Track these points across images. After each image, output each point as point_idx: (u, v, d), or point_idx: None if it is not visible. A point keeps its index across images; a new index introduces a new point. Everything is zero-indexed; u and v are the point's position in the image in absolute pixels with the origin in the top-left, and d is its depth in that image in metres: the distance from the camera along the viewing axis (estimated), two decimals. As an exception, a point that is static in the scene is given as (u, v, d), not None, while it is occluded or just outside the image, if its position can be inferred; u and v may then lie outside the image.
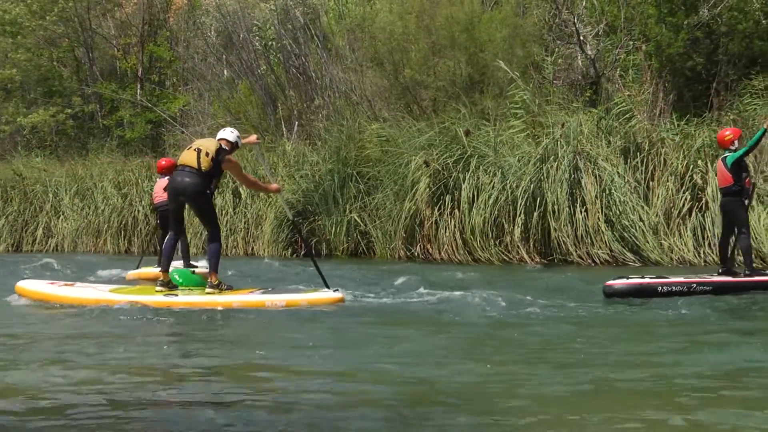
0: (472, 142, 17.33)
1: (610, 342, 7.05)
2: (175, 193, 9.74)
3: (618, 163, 16.17)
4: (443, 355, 6.36)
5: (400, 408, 4.93)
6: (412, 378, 5.65)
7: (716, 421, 4.54)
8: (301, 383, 5.49)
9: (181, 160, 9.81)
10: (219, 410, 4.82)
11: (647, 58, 18.42)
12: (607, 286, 10.47)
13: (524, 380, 5.52)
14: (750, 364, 6.01)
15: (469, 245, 16.40)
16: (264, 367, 6.10)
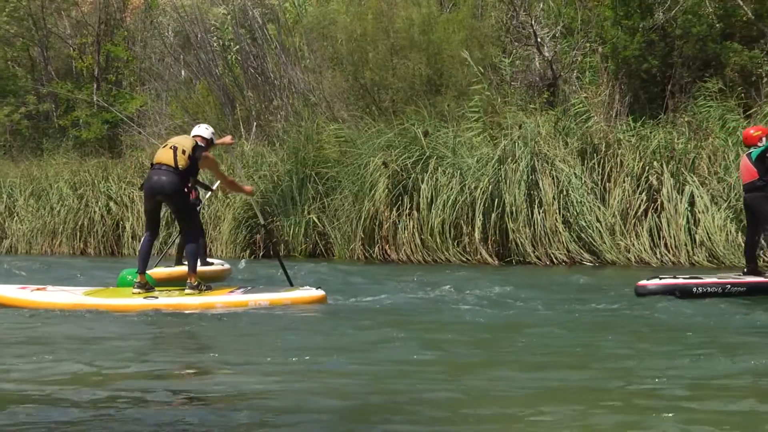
0: (431, 143, 17.36)
1: (634, 342, 7.02)
2: (151, 192, 9.52)
3: (575, 164, 16.28)
4: (426, 361, 6.26)
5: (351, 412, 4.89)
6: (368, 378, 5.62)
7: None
8: (269, 384, 5.44)
9: (157, 159, 9.60)
10: (181, 411, 4.75)
11: (603, 60, 18.54)
12: (640, 286, 10.10)
13: (488, 385, 5.50)
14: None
15: (428, 246, 16.40)
16: (227, 368, 6.04)
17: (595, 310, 9.23)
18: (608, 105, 17.79)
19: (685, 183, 15.60)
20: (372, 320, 8.29)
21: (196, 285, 9.57)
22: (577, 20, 19.28)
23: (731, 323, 8.33)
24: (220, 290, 9.87)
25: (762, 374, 5.70)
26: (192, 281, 9.54)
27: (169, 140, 9.87)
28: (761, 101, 16.87)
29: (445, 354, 6.55)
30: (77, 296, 9.51)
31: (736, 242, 14.81)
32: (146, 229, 9.86)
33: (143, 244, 9.70)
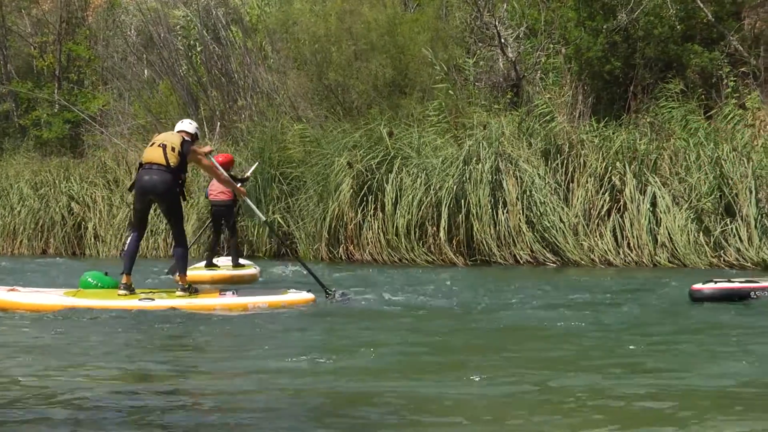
0: (396, 143, 17.36)
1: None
2: (143, 192, 9.24)
3: (539, 164, 16.36)
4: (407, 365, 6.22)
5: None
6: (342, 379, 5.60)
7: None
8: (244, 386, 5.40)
9: (147, 158, 9.27)
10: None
11: (567, 61, 18.68)
12: (695, 290, 9.57)
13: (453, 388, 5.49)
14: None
15: (393, 246, 16.40)
16: (195, 370, 6.00)
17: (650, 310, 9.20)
18: (571, 106, 17.90)
19: (648, 183, 15.72)
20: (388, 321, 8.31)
21: (187, 287, 9.37)
22: (540, 21, 19.38)
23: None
24: (210, 293, 9.72)
25: None
26: (183, 283, 9.36)
27: (155, 138, 9.54)
28: (721, 102, 17.06)
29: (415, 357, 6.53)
30: (62, 297, 9.10)
31: (698, 242, 14.96)
32: (133, 229, 9.52)
33: (130, 243, 9.31)
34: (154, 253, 19.39)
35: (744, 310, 8.93)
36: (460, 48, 20.15)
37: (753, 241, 14.67)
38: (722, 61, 17.68)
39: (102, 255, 19.93)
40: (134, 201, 9.52)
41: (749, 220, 14.81)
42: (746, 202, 14.96)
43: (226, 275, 12.61)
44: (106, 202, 20.76)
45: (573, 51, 18.21)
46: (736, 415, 4.66)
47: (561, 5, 19.20)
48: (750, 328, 7.72)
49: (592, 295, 10.41)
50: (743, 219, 14.92)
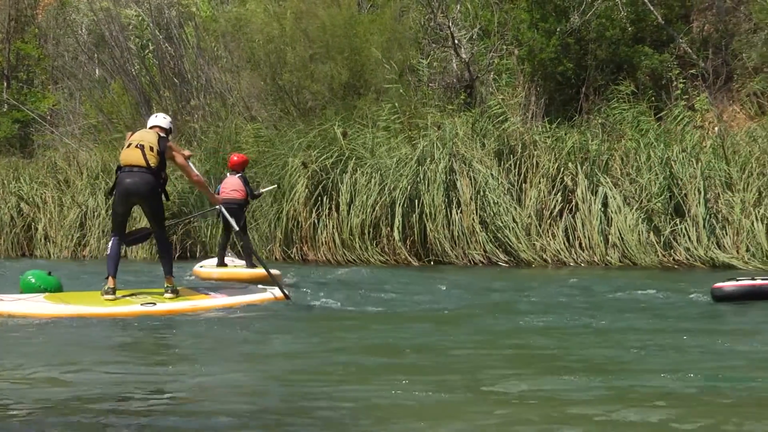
0: (350, 143, 17.38)
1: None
2: (126, 194, 9.00)
3: (492, 165, 16.45)
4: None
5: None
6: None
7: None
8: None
9: (126, 161, 8.99)
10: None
11: (520, 62, 18.79)
12: (716, 288, 9.47)
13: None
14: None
15: (347, 246, 16.41)
16: (149, 372, 5.97)
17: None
18: (524, 107, 18.01)
19: (599, 184, 15.88)
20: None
21: (174, 287, 9.20)
22: (493, 23, 19.49)
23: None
24: (194, 295, 9.52)
25: None
26: (171, 284, 9.21)
27: (131, 138, 9.21)
28: (671, 104, 17.30)
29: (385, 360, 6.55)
30: (62, 305, 8.74)
31: (648, 242, 15.15)
32: (114, 233, 9.24)
33: (113, 247, 9.06)
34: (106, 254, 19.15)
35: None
36: (414, 49, 20.19)
37: (702, 241, 14.89)
38: (672, 64, 17.94)
39: (53, 256, 19.68)
40: (115, 205, 9.24)
41: (698, 220, 15.02)
42: (695, 202, 15.17)
43: (250, 274, 12.55)
44: (57, 202, 20.49)
45: (526, 52, 18.34)
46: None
47: (514, 7, 19.34)
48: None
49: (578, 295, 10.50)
50: (692, 219, 15.13)
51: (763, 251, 14.37)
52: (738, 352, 6.52)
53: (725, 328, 8.00)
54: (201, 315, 8.74)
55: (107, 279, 8.95)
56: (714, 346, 6.69)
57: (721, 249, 14.80)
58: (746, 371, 5.77)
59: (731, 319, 8.53)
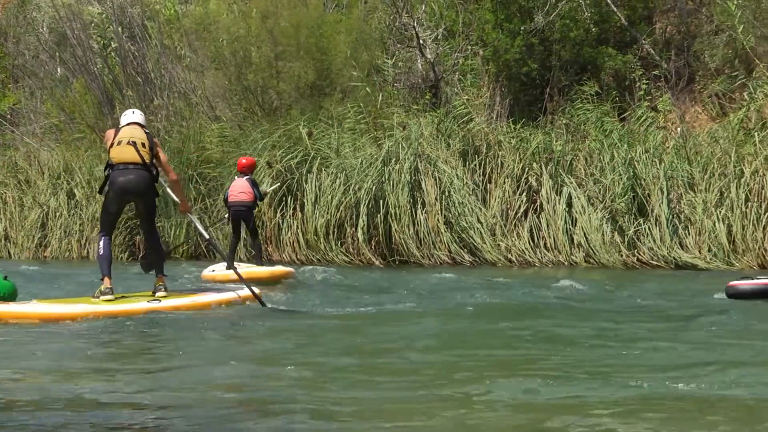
0: (315, 143, 17.36)
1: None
2: (122, 192, 8.76)
3: (457, 165, 16.52)
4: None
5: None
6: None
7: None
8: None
9: (119, 158, 8.71)
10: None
11: (485, 62, 18.87)
12: (730, 287, 9.56)
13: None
14: None
15: (311, 246, 16.39)
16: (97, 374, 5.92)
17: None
18: (489, 107, 18.11)
19: (563, 184, 16.00)
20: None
21: (165, 287, 9.02)
22: (458, 23, 19.53)
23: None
24: (180, 294, 9.37)
25: None
26: (162, 283, 8.99)
27: (120, 135, 8.85)
28: (635, 105, 17.44)
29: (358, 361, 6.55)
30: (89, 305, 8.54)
31: (613, 242, 15.27)
32: (105, 232, 8.86)
33: (105, 247, 8.75)
34: (67, 255, 19.02)
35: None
36: (379, 49, 20.19)
37: (665, 241, 15.04)
38: (635, 65, 18.09)
39: (14, 257, 19.46)
40: (108, 204, 8.94)
41: (661, 220, 15.18)
42: (658, 202, 15.32)
43: (270, 272, 12.57)
44: (18, 202, 20.27)
45: (491, 53, 18.40)
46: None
47: (478, 7, 19.38)
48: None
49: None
50: (655, 219, 15.28)
51: (724, 251, 14.53)
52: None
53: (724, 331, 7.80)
54: (182, 315, 8.59)
55: (102, 280, 8.72)
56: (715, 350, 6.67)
57: (683, 249, 14.96)
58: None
59: (733, 322, 8.31)
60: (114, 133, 8.98)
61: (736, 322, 8.14)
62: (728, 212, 14.77)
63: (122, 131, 8.94)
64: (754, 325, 7.99)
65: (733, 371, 5.66)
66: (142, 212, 9.18)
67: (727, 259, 14.51)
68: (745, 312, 8.72)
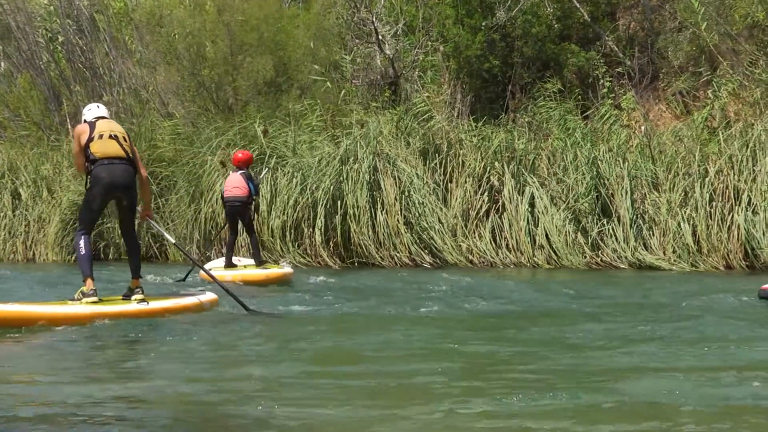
0: (271, 142, 17.20)
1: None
2: (112, 188, 8.57)
3: (417, 164, 16.43)
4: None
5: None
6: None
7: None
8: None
9: (104, 152, 8.50)
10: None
11: (445, 59, 18.82)
12: (763, 290, 9.72)
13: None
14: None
15: (268, 248, 16.26)
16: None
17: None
18: (450, 104, 18.07)
19: (526, 184, 15.97)
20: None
21: (142, 289, 8.86)
22: (418, 18, 19.49)
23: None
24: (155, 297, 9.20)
25: None
26: (138, 285, 8.80)
27: (98, 129, 8.65)
28: (598, 102, 17.50)
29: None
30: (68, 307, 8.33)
31: (576, 243, 15.29)
32: (85, 230, 8.61)
33: (85, 245, 8.54)
34: (12, 257, 18.70)
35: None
36: (338, 45, 20.10)
37: (629, 241, 15.08)
38: (598, 62, 18.13)
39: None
40: (91, 200, 8.65)
41: (625, 221, 15.21)
42: (622, 202, 15.36)
43: (266, 275, 12.50)
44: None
45: (451, 49, 18.35)
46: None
47: (439, 2, 19.35)
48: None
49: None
50: (619, 219, 15.31)
51: (689, 252, 14.61)
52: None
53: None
54: (158, 321, 8.45)
55: (84, 281, 8.45)
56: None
57: (647, 250, 15.01)
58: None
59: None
60: (88, 127, 8.70)
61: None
62: (693, 212, 14.78)
63: (99, 125, 8.73)
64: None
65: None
66: (125, 209, 8.96)
67: (692, 260, 14.58)
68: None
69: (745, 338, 7.28)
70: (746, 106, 16.13)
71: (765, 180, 14.47)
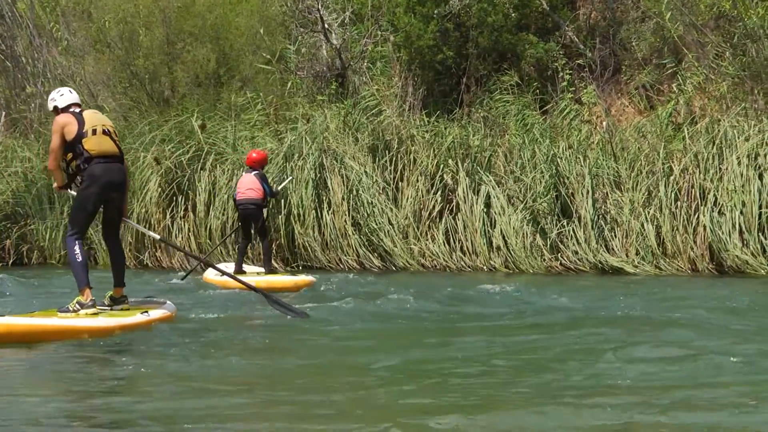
0: (209, 137, 17.04)
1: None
2: (110, 188, 8.36)
3: (366, 161, 16.32)
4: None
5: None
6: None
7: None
8: None
9: (101, 150, 8.23)
10: None
11: (396, 49, 18.71)
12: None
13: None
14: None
15: (206, 251, 16.01)
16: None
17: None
18: (401, 98, 17.96)
19: (481, 182, 15.83)
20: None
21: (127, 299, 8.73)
22: (367, 6, 19.37)
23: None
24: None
25: None
26: (122, 293, 8.63)
27: (89, 122, 8.29)
28: (557, 96, 17.44)
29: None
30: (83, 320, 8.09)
31: (534, 245, 15.17)
32: (79, 235, 8.33)
33: (80, 252, 8.25)
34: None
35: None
36: (281, 34, 19.95)
37: (590, 243, 14.98)
38: (557, 53, 18.08)
39: None
40: (86, 201, 8.34)
41: (586, 222, 15.12)
42: (583, 202, 15.26)
43: (281, 282, 12.43)
44: None
45: (402, 39, 18.23)
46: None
47: (390, -11, 19.24)
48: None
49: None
50: (580, 220, 15.22)
51: (653, 254, 14.55)
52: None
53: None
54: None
55: (81, 291, 8.20)
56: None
57: (610, 252, 14.94)
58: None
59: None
60: (75, 120, 8.27)
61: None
62: (657, 213, 14.72)
63: (88, 118, 8.37)
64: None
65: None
66: (114, 210, 8.70)
67: (656, 262, 14.52)
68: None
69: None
70: (712, 101, 16.16)
71: (732, 179, 14.44)
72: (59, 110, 8.42)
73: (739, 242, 14.06)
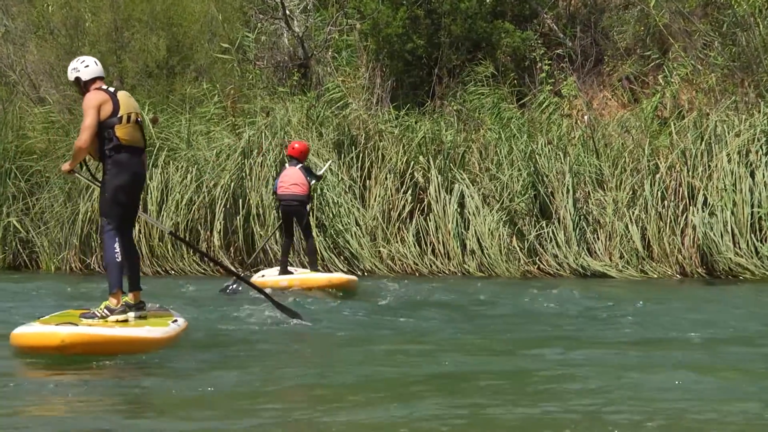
0: (161, 132, 16.92)
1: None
2: (140, 181, 8.38)
3: (331, 158, 16.21)
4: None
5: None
6: None
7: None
8: None
9: (132, 140, 8.10)
10: None
11: (363, 38, 18.67)
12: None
13: None
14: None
15: (157, 255, 15.95)
16: None
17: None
18: (368, 90, 17.98)
19: (455, 181, 15.83)
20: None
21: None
22: (331, -10, 19.37)
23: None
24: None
25: None
26: (139, 297, 8.35)
27: (123, 107, 8.06)
28: (536, 89, 17.50)
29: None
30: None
31: (511, 248, 15.09)
32: (116, 228, 8.10)
33: (121, 252, 8.06)
34: None
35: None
36: (239, 21, 19.93)
37: (571, 246, 14.95)
38: (536, 42, 18.21)
39: None
40: (119, 193, 8.09)
41: (566, 223, 15.12)
42: (563, 202, 15.24)
43: (328, 279, 12.56)
44: None
45: (369, 27, 18.21)
46: None
47: (356, -28, 19.23)
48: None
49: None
50: (560, 221, 15.21)
51: (638, 257, 14.51)
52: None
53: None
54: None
55: (113, 294, 7.95)
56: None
57: (592, 255, 14.94)
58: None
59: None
60: (110, 99, 8.00)
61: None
62: (642, 213, 14.80)
63: (123, 101, 8.09)
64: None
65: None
66: (136, 202, 8.55)
67: (641, 266, 14.48)
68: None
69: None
70: (700, 94, 16.33)
71: (722, 177, 14.42)
72: (82, 82, 8.12)
73: (731, 244, 14.01)
